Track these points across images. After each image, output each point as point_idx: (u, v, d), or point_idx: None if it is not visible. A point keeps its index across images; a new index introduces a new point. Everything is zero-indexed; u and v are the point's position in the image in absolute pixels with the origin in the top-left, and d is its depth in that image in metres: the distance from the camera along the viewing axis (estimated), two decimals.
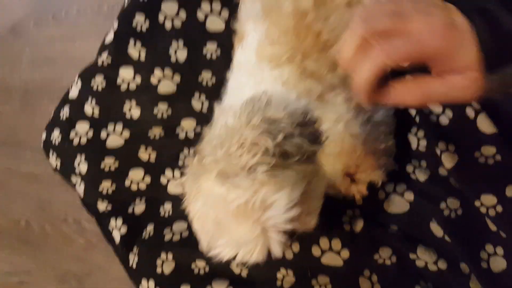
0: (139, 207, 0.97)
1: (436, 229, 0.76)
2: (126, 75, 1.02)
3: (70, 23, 1.44)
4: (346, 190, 0.81)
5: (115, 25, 1.05)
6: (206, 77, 1.01)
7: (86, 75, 1.06)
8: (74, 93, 1.08)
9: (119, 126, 1.00)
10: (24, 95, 1.49)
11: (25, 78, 1.49)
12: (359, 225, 0.80)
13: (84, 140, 1.02)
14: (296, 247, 0.83)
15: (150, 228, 0.93)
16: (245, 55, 0.76)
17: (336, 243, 0.80)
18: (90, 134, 1.03)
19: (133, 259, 0.95)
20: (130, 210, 0.96)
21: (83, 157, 1.01)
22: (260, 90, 0.60)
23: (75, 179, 1.03)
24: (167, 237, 0.89)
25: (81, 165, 0.99)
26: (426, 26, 0.40)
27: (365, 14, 0.43)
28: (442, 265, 0.74)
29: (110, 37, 1.05)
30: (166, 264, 0.90)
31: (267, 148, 0.53)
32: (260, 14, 0.73)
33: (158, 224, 0.93)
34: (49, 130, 1.08)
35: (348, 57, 0.44)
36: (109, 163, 1.00)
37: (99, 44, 1.11)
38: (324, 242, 0.81)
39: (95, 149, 0.99)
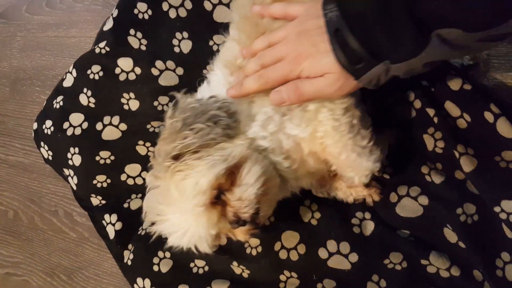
0: (135, 203, 0.94)
1: (450, 235, 0.73)
2: (125, 65, 0.97)
3: (65, 9, 1.38)
4: (356, 194, 0.78)
5: (115, 12, 0.99)
6: None
7: (82, 64, 1.01)
8: (68, 82, 1.03)
9: (116, 118, 0.96)
10: (14, 83, 1.43)
11: (16, 65, 1.43)
12: (369, 229, 0.77)
13: (78, 131, 0.97)
14: (301, 249, 0.79)
15: (146, 225, 0.89)
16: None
17: (345, 246, 0.77)
18: (85, 125, 0.98)
19: (128, 256, 0.92)
20: (125, 205, 0.94)
21: (76, 149, 0.97)
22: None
23: (67, 171, 0.99)
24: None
25: (75, 157, 0.95)
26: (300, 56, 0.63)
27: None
28: (455, 271, 0.72)
29: (108, 25, 0.99)
30: (163, 262, 0.87)
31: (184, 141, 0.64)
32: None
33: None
34: (41, 120, 1.03)
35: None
36: (104, 156, 0.96)
37: (95, 32, 1.06)
38: (331, 244, 0.78)
39: (90, 141, 0.96)
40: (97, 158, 0.95)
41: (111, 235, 0.93)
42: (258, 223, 0.68)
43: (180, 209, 0.65)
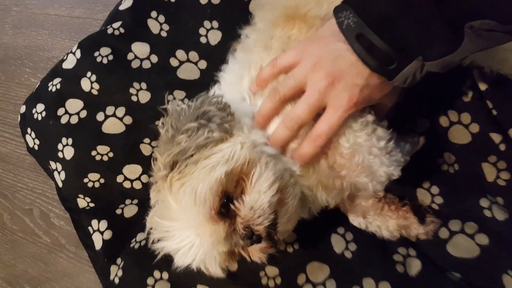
0: (129, 210, 0.85)
1: (511, 282, 0.63)
2: (140, 51, 0.88)
3: None
4: (408, 231, 0.69)
5: None
6: None
7: (88, 45, 0.90)
8: (69, 63, 0.91)
9: (121, 110, 0.86)
10: (1, 62, 1.30)
11: (6, 42, 1.31)
12: (415, 268, 0.69)
13: (74, 120, 0.87)
14: (331, 285, 0.69)
15: (141, 237, 0.81)
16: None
17: (385, 287, 0.67)
18: (84, 113, 0.87)
19: (115, 272, 0.80)
20: (118, 211, 0.85)
21: (70, 140, 0.86)
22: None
23: (54, 165, 0.88)
24: None
25: (66, 149, 0.86)
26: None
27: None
28: None
29: (127, 3, 0.90)
30: (159, 284, 0.76)
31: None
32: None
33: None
34: (31, 103, 0.91)
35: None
36: (102, 151, 0.85)
37: (104, 15, 0.98)
38: (369, 283, 0.68)
39: (88, 132, 0.86)
40: (93, 153, 0.85)
41: (98, 244, 0.83)
42: (276, 240, 0.60)
43: (182, 223, 0.60)
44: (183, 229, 0.60)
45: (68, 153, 0.85)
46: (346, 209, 0.75)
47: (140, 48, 0.87)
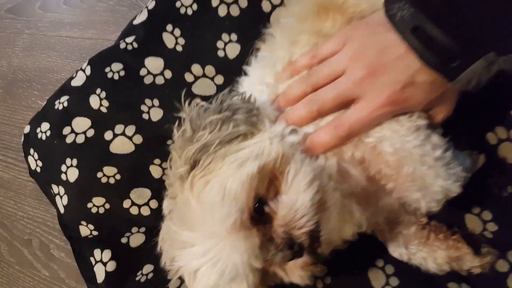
0: (136, 239, 0.80)
1: None
2: (154, 66, 0.83)
3: (85, 8, 1.26)
4: (460, 265, 0.61)
5: (151, 4, 0.85)
6: None
7: (99, 61, 0.87)
8: (78, 81, 0.87)
9: (131, 128, 0.82)
10: (9, 84, 1.27)
11: (16, 65, 1.29)
12: None
13: (81, 139, 0.82)
14: None
15: (148, 269, 0.77)
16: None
17: None
18: (91, 132, 0.83)
19: None
20: (123, 240, 0.80)
21: (75, 160, 0.81)
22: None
23: (57, 189, 0.83)
24: (173, 285, 0.71)
25: (70, 170, 0.81)
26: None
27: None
28: None
29: (141, 18, 0.85)
30: None
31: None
32: None
33: (160, 265, 0.71)
34: (36, 122, 0.88)
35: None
36: (108, 173, 0.80)
37: (116, 35, 0.92)
38: None
39: (94, 152, 0.81)
40: (99, 174, 0.80)
41: (100, 277, 0.78)
42: (319, 254, 0.52)
43: (206, 231, 0.51)
44: (206, 239, 0.50)
45: (72, 175, 0.81)
46: (385, 237, 0.66)
47: (153, 63, 0.82)
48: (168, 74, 0.83)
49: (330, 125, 0.55)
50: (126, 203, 0.80)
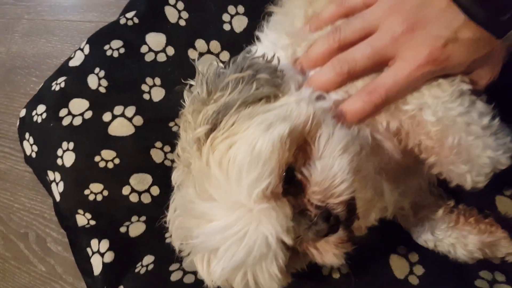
0: (136, 228, 0.76)
1: None
2: (155, 43, 0.80)
3: None
4: (494, 252, 0.56)
5: None
6: None
7: (98, 39, 0.84)
8: (76, 61, 0.85)
9: (131, 109, 0.78)
10: (8, 72, 1.24)
11: (15, 52, 1.26)
12: None
13: (78, 121, 0.79)
14: None
15: (148, 260, 0.73)
16: None
17: None
18: (89, 114, 0.79)
19: None
20: (122, 229, 0.76)
21: (71, 144, 0.78)
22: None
23: (52, 175, 0.79)
24: (175, 276, 0.68)
25: (67, 154, 0.77)
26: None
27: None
28: None
29: None
30: None
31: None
32: None
33: (162, 256, 0.72)
34: (32, 105, 0.84)
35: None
36: (107, 157, 0.77)
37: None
38: None
39: (91, 135, 0.78)
40: (97, 158, 0.77)
41: (97, 269, 0.74)
42: (354, 230, 0.47)
43: (229, 201, 0.45)
44: (230, 210, 0.44)
45: (68, 159, 0.77)
46: (408, 223, 0.61)
47: (155, 39, 0.79)
48: (171, 50, 0.79)
49: (363, 90, 0.50)
50: (126, 190, 0.76)
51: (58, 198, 0.78)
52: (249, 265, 0.44)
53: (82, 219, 0.77)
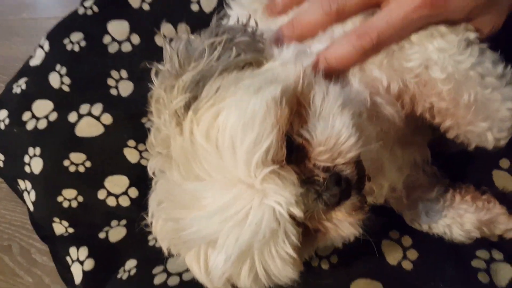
0: (116, 233, 0.74)
1: None
2: (118, 32, 0.77)
3: None
4: (492, 229, 0.54)
5: None
6: None
7: (57, 33, 0.80)
8: (37, 59, 0.81)
9: (98, 107, 0.75)
10: None
11: None
12: (504, 275, 0.54)
13: (42, 125, 0.76)
14: None
15: (131, 264, 0.71)
16: None
17: None
18: (53, 116, 0.76)
19: None
20: (101, 235, 0.74)
21: (37, 149, 0.75)
22: None
23: (23, 184, 0.77)
24: (159, 279, 0.66)
25: (34, 161, 0.74)
26: None
27: None
28: None
29: None
30: None
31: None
32: None
33: (145, 259, 0.71)
34: None
35: None
36: (76, 160, 0.74)
37: None
38: None
39: (58, 138, 0.75)
40: (66, 163, 0.74)
41: (77, 278, 0.73)
42: (365, 195, 0.43)
43: (224, 176, 0.39)
44: (226, 187, 0.39)
45: (36, 166, 0.74)
46: (401, 205, 0.58)
47: (117, 28, 0.76)
48: (136, 39, 0.76)
49: (353, 33, 0.46)
50: (101, 194, 0.74)
51: (31, 207, 0.76)
52: (257, 249, 0.38)
53: (60, 227, 0.75)
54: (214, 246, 0.40)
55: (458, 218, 0.55)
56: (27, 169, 0.75)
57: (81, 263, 0.72)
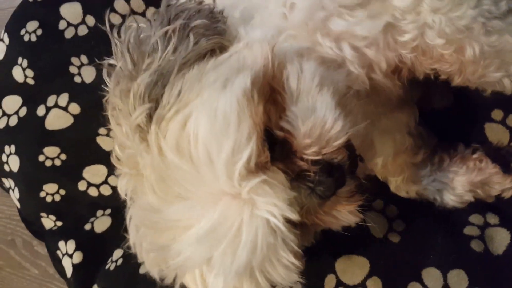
0: (101, 223, 0.74)
1: None
2: (71, 15, 0.73)
3: None
4: (486, 191, 0.50)
5: None
6: None
7: (14, 24, 0.77)
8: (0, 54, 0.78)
9: (64, 97, 0.73)
10: None
11: None
12: (500, 241, 0.50)
13: (14, 121, 0.75)
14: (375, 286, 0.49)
15: (118, 254, 0.71)
16: None
17: (458, 278, 0.48)
18: (23, 111, 0.74)
19: None
20: (87, 226, 0.74)
21: (13, 147, 0.74)
22: None
23: (7, 182, 0.77)
24: (144, 268, 0.58)
25: (11, 159, 0.74)
26: None
27: None
28: None
29: None
30: None
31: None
32: None
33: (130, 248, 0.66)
34: None
35: None
36: (51, 154, 0.73)
37: None
38: (433, 276, 0.49)
39: (29, 133, 0.73)
40: (41, 158, 0.73)
41: (68, 271, 0.73)
42: (359, 176, 0.40)
43: (205, 192, 0.36)
44: (209, 204, 0.35)
45: (14, 163, 0.74)
46: (385, 172, 0.54)
47: (70, 11, 0.73)
48: (91, 20, 0.73)
49: None
50: (82, 185, 0.73)
51: (18, 204, 0.76)
52: (257, 263, 0.35)
53: (48, 222, 0.75)
54: (210, 268, 0.37)
55: (449, 182, 0.52)
56: (6, 167, 0.75)
57: (70, 256, 0.71)
